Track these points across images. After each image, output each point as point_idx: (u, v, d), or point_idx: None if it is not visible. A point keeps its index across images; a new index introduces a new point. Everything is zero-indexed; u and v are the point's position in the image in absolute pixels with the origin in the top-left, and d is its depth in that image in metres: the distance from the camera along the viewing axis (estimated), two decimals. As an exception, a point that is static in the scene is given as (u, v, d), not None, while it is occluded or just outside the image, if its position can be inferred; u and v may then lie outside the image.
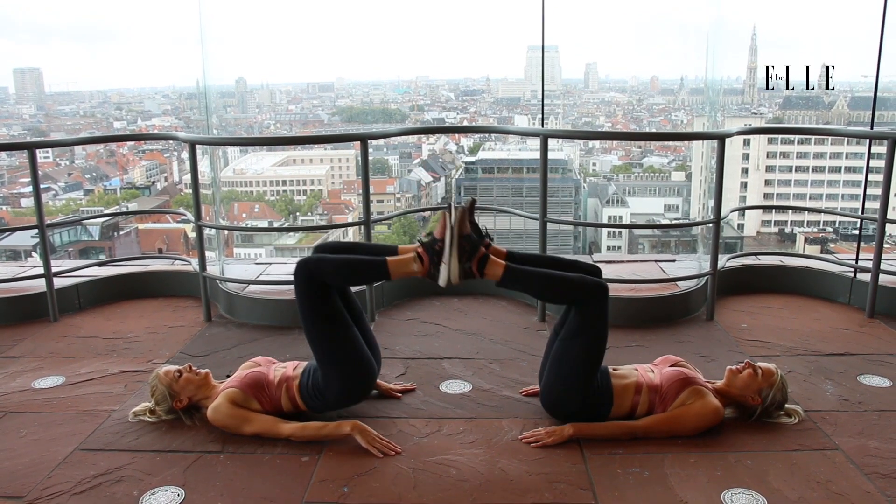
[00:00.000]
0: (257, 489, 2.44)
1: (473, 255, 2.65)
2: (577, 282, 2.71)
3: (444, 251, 2.63)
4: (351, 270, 2.78)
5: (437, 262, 2.65)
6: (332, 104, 75.13)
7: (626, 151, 62.27)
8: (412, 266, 2.70)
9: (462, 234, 2.64)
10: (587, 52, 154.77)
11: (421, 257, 2.68)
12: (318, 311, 2.77)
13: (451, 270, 2.63)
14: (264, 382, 2.84)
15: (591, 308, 2.71)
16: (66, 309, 4.39)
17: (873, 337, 3.85)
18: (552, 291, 2.80)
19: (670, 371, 2.86)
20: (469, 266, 2.65)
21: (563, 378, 2.78)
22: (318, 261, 2.74)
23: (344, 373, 2.80)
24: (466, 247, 2.64)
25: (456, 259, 2.63)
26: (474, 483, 2.46)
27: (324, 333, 2.79)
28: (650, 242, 41.87)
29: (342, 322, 2.80)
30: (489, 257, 2.69)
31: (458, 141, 63.95)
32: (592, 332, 2.73)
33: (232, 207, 47.48)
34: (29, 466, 2.60)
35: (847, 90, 58.85)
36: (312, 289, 2.74)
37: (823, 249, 32.74)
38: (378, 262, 2.74)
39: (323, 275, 2.73)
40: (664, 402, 2.78)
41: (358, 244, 2.98)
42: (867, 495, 2.37)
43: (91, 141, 6.28)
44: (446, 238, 2.63)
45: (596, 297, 2.70)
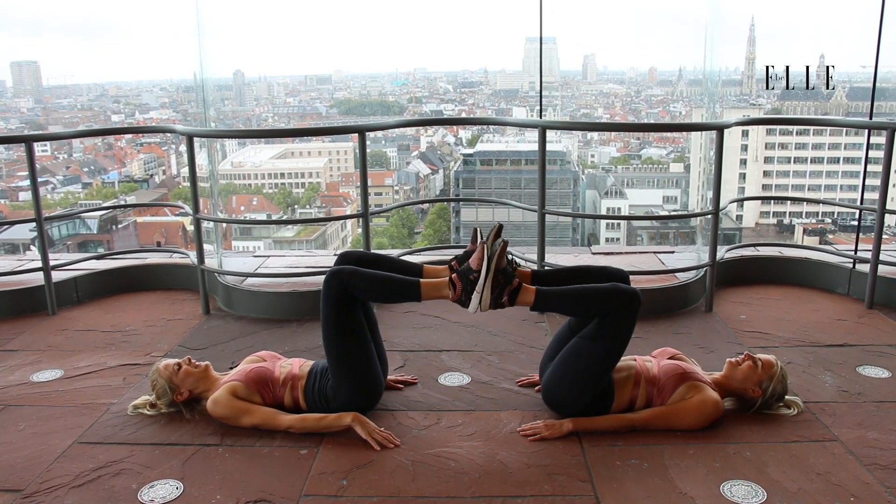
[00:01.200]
0: (256, 482, 2.44)
1: (506, 286, 2.66)
2: (612, 293, 2.69)
3: (479, 282, 2.64)
4: (383, 288, 2.78)
5: (469, 291, 2.66)
6: (329, 97, 75.03)
7: (624, 143, 62.27)
8: (445, 291, 2.70)
9: (499, 267, 2.65)
10: (585, 43, 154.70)
11: (454, 284, 2.69)
12: (343, 324, 2.77)
13: (483, 301, 2.64)
14: (269, 379, 2.84)
15: (622, 316, 2.69)
16: (65, 302, 4.39)
17: (872, 328, 3.85)
18: (587, 307, 2.75)
19: (668, 364, 2.86)
20: (502, 299, 2.66)
21: (573, 377, 2.75)
22: (351, 273, 2.73)
23: (354, 386, 2.80)
24: (501, 280, 2.65)
25: (489, 290, 2.64)
26: (473, 475, 2.46)
27: (344, 346, 2.78)
28: (649, 234, 41.89)
29: (363, 338, 2.81)
30: (522, 287, 2.69)
31: (456, 133, 63.92)
32: (616, 338, 2.71)
33: (230, 200, 47.46)
34: (28, 460, 2.60)
35: (846, 81, 58.82)
36: (342, 300, 2.73)
37: (822, 240, 32.78)
38: (411, 284, 2.74)
39: (354, 288, 2.72)
40: (662, 395, 2.77)
41: (383, 257, 2.98)
42: (866, 486, 2.37)
43: (88, 134, 6.25)
44: (482, 269, 2.63)
45: (630, 307, 2.68)
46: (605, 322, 2.70)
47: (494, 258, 2.63)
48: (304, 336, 3.79)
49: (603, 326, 2.70)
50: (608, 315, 2.70)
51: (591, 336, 2.72)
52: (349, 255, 2.93)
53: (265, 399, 2.81)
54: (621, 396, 2.79)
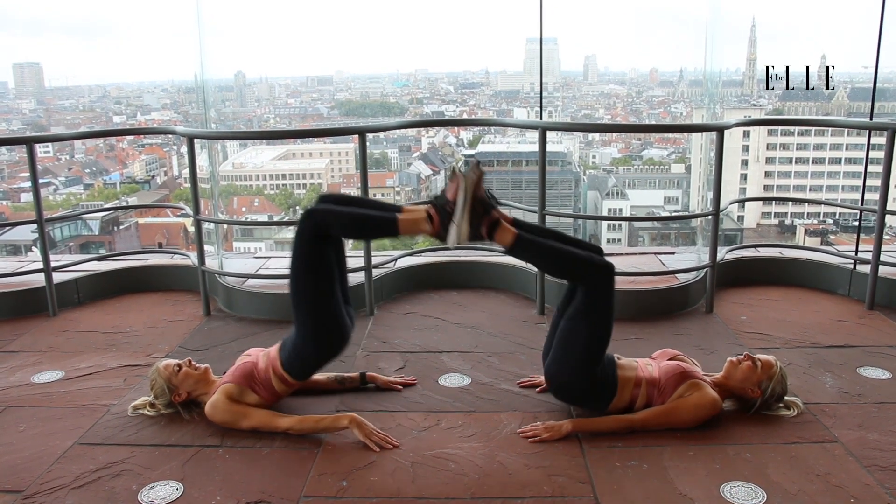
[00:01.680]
0: (256, 483, 2.44)
1: (485, 217, 2.63)
2: (586, 259, 2.69)
3: (456, 212, 2.61)
4: (360, 225, 2.77)
5: (446, 223, 2.63)
6: (331, 98, 74.98)
7: (625, 144, 62.18)
8: (423, 225, 2.68)
9: (476, 196, 2.62)
10: (586, 44, 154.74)
11: (431, 217, 2.66)
12: (312, 262, 2.74)
13: (460, 231, 2.61)
14: (254, 370, 2.85)
15: (599, 288, 2.70)
16: (66, 303, 4.39)
17: (873, 329, 3.85)
18: (561, 266, 2.77)
19: (668, 365, 2.86)
20: (479, 229, 2.63)
21: (570, 359, 2.76)
22: (326, 212, 2.72)
23: (321, 324, 2.78)
24: (479, 210, 2.62)
25: (467, 221, 2.61)
26: (473, 477, 2.46)
27: (309, 284, 2.75)
28: (650, 235, 41.84)
29: (329, 277, 2.77)
30: (500, 223, 2.66)
31: (457, 134, 63.85)
32: (599, 312, 2.72)
33: (231, 201, 47.46)
34: (28, 461, 2.61)
35: (847, 81, 58.74)
36: (314, 238, 2.72)
37: (824, 241, 32.73)
38: (388, 219, 2.71)
39: (328, 226, 2.71)
40: (662, 396, 2.78)
41: (362, 199, 2.95)
42: (866, 488, 2.37)
43: (89, 135, 6.25)
44: (458, 199, 2.60)
45: (604, 277, 2.69)
46: (585, 298, 2.71)
47: (470, 186, 2.59)
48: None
49: (585, 303, 2.72)
50: (585, 289, 2.71)
51: (577, 315, 2.74)
52: (329, 197, 2.88)
53: (258, 393, 2.82)
54: (622, 395, 2.79)
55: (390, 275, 4.48)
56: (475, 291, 4.53)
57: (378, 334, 3.85)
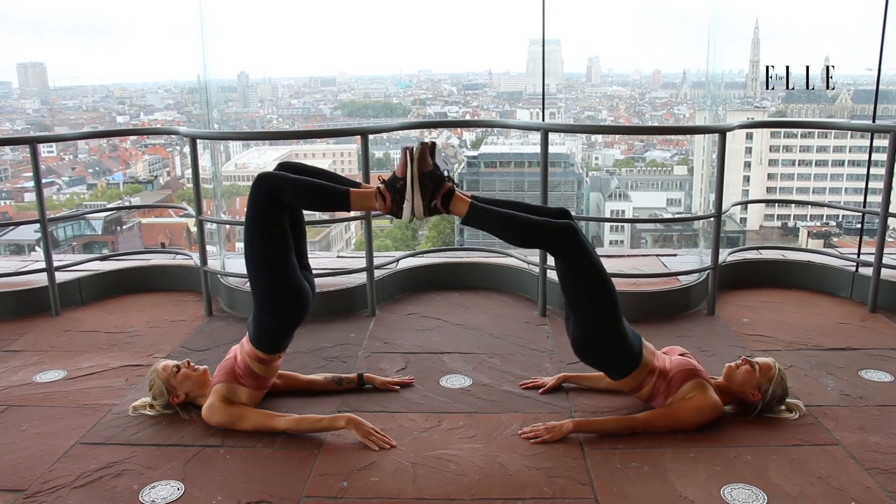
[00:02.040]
0: (257, 483, 2.44)
1: (437, 191, 2.61)
2: (540, 225, 2.65)
3: (407, 189, 2.59)
4: (312, 194, 2.72)
5: (399, 200, 2.62)
6: (334, 98, 75.03)
7: (628, 145, 62.15)
8: (373, 201, 2.66)
9: (423, 170, 2.59)
10: (589, 45, 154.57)
11: (383, 195, 2.64)
12: (265, 227, 2.72)
13: (414, 207, 2.59)
14: (234, 364, 2.86)
15: (566, 251, 2.66)
16: (68, 303, 4.40)
17: (875, 331, 3.84)
18: (518, 232, 2.71)
19: (679, 359, 2.86)
20: (434, 202, 2.61)
21: (583, 320, 2.73)
22: (280, 178, 2.69)
23: (278, 291, 2.77)
24: (429, 184, 2.60)
25: (419, 194, 2.59)
26: (473, 478, 2.46)
27: (265, 250, 2.74)
28: (653, 237, 41.83)
29: (284, 243, 2.76)
30: (454, 193, 2.63)
31: (460, 135, 63.85)
32: (582, 272, 2.67)
33: (234, 202, 47.47)
34: (30, 460, 2.61)
35: (851, 83, 58.64)
36: (267, 204, 2.69)
37: (827, 243, 32.71)
38: (341, 192, 2.69)
39: (282, 192, 2.68)
40: (668, 390, 2.77)
41: (321, 170, 2.90)
42: (868, 491, 2.36)
43: (92, 136, 6.26)
44: (407, 175, 2.59)
45: (564, 238, 2.64)
46: (561, 264, 2.70)
47: (416, 160, 2.57)
48: (305, 337, 3.79)
49: (563, 268, 2.70)
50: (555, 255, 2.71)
51: (565, 283, 2.72)
52: (287, 165, 2.85)
53: (244, 383, 2.83)
54: (639, 373, 2.78)
55: (392, 275, 4.48)
56: (477, 292, 4.53)
57: (379, 335, 3.85)
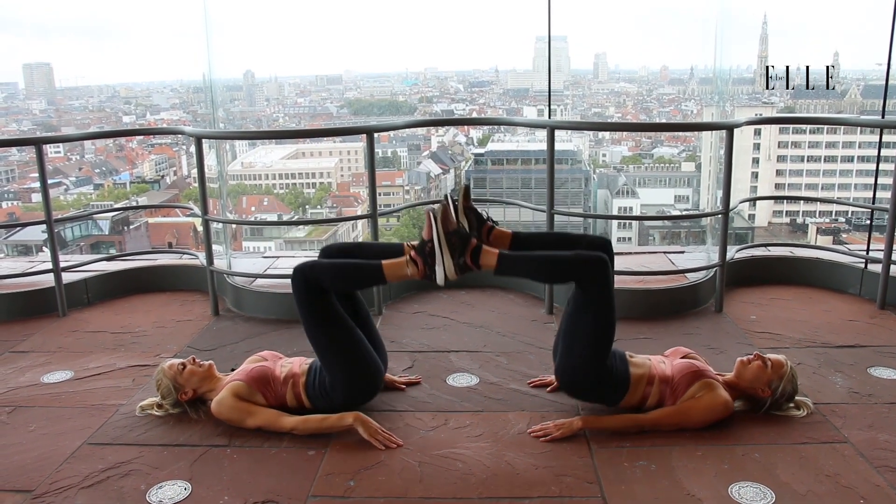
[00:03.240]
0: (264, 483, 2.44)
1: (465, 248, 2.63)
2: (572, 260, 2.66)
3: (435, 251, 2.61)
4: (346, 275, 2.78)
5: (431, 264, 2.63)
6: (340, 97, 75.10)
7: (635, 142, 61.99)
8: (406, 270, 2.68)
9: (448, 231, 2.61)
10: (596, 42, 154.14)
11: (414, 261, 2.67)
12: (318, 316, 2.77)
13: (446, 269, 2.61)
14: (270, 377, 2.84)
15: (592, 283, 2.67)
16: (75, 304, 4.41)
17: (884, 329, 3.82)
18: (550, 273, 2.76)
19: (682, 363, 2.84)
20: (463, 260, 2.63)
21: (575, 354, 2.74)
22: (312, 266, 2.74)
23: (348, 376, 2.80)
24: (456, 242, 2.61)
25: (448, 257, 2.61)
26: (480, 476, 2.46)
27: (325, 338, 2.78)
28: (660, 233, 41.72)
29: (343, 325, 2.80)
30: (482, 248, 2.65)
31: (467, 132, 63.82)
32: (597, 305, 2.69)
33: (240, 201, 47.59)
34: (37, 460, 2.62)
35: (860, 78, 58.36)
36: (310, 294, 2.74)
37: (836, 240, 32.54)
38: (373, 267, 2.72)
39: (319, 280, 2.73)
40: (675, 395, 2.76)
41: (364, 244, 2.95)
42: (876, 489, 2.35)
43: (98, 136, 6.28)
44: (434, 238, 2.61)
45: (594, 271, 2.64)
46: (581, 293, 2.69)
47: (439, 221, 2.59)
48: (312, 337, 3.79)
49: (582, 298, 2.70)
50: (580, 284, 2.69)
51: (577, 310, 2.72)
52: (330, 248, 2.91)
53: (267, 398, 2.82)
54: (634, 392, 2.78)
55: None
56: (484, 291, 4.52)
57: (386, 334, 3.84)
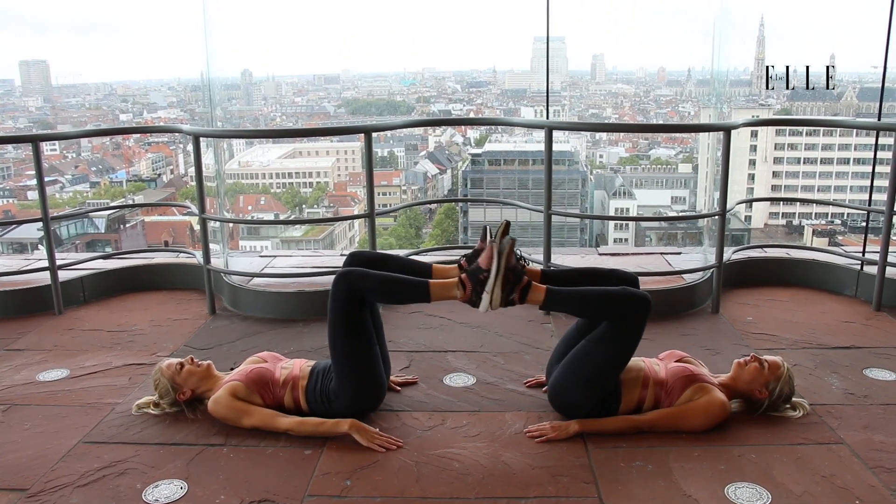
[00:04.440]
0: (260, 482, 2.44)
1: (517, 285, 2.65)
2: (622, 296, 2.67)
3: (489, 281, 2.63)
4: (392, 290, 2.78)
5: (479, 291, 2.65)
6: (337, 96, 75.10)
7: (633, 143, 62.10)
8: (454, 292, 2.69)
9: (508, 265, 2.64)
10: (594, 43, 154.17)
11: (464, 284, 2.68)
12: (350, 325, 2.76)
13: (493, 300, 2.63)
14: (269, 379, 2.84)
15: (631, 320, 2.69)
16: (71, 302, 4.40)
17: (880, 330, 3.83)
18: (597, 309, 2.75)
19: (676, 366, 2.85)
20: (513, 296, 2.65)
21: (581, 380, 2.75)
22: (361, 275, 2.73)
23: (359, 387, 2.80)
24: (511, 278, 2.64)
25: (500, 289, 2.63)
26: (477, 476, 2.46)
27: (350, 347, 2.78)
28: (657, 235, 41.75)
29: (368, 339, 2.80)
30: (532, 285, 2.68)
31: (464, 133, 63.87)
32: (625, 341, 2.71)
33: (237, 200, 47.56)
34: (33, 459, 2.61)
35: (856, 81, 58.46)
36: (351, 301, 2.73)
37: (832, 241, 32.61)
38: (421, 285, 2.73)
39: (364, 290, 2.72)
40: (670, 397, 2.77)
41: (391, 257, 2.98)
42: (872, 489, 2.35)
43: (95, 134, 6.27)
44: (492, 268, 2.62)
45: (639, 310, 2.67)
46: (614, 325, 2.69)
47: (504, 256, 2.62)
48: (309, 336, 3.79)
49: (612, 329, 2.70)
50: (618, 318, 2.69)
51: (599, 339, 2.72)
52: (359, 256, 2.93)
53: (265, 400, 2.81)
54: (629, 398, 2.78)
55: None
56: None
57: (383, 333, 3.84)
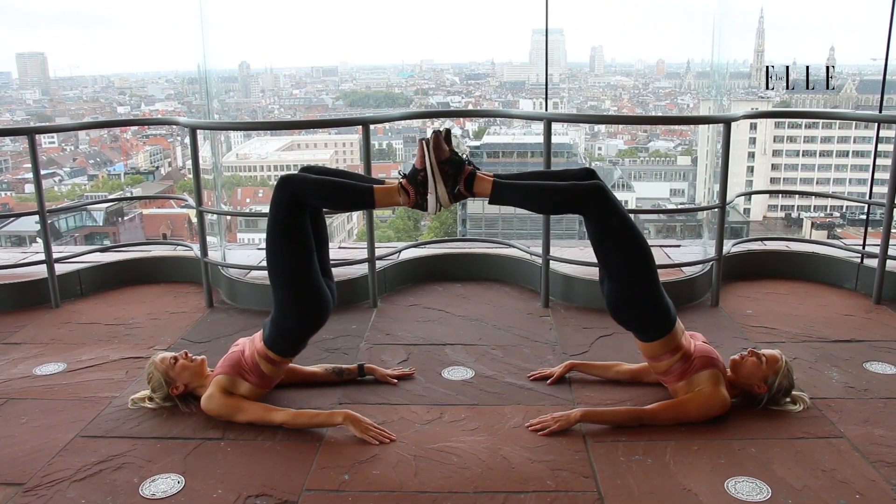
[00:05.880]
0: (258, 476, 2.43)
1: (459, 176, 2.60)
2: (568, 189, 2.64)
3: (428, 179, 2.58)
4: (335, 193, 2.72)
5: (423, 192, 2.60)
6: (335, 88, 74.94)
7: (631, 135, 62.02)
8: (397, 197, 2.63)
9: (441, 158, 2.58)
10: (593, 35, 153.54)
11: (406, 189, 2.63)
12: (288, 230, 2.69)
13: (439, 196, 2.58)
14: (241, 358, 2.83)
15: (596, 210, 2.65)
16: (68, 295, 4.38)
17: (880, 323, 3.82)
18: (546, 201, 2.73)
19: (704, 346, 2.84)
20: (458, 188, 2.60)
21: (619, 280, 2.72)
22: (302, 179, 2.68)
23: (299, 295, 2.74)
24: (450, 170, 2.59)
25: (441, 182, 2.58)
26: (476, 470, 2.45)
27: (286, 253, 2.71)
28: (655, 227, 41.73)
29: (307, 246, 2.73)
30: (476, 175, 2.62)
31: (462, 125, 63.76)
32: (614, 232, 2.66)
33: (235, 192, 47.47)
34: (30, 453, 2.60)
35: (856, 73, 58.39)
36: (290, 206, 2.66)
37: (830, 234, 32.63)
38: (364, 189, 2.68)
39: (305, 194, 2.65)
40: (685, 372, 2.75)
41: (343, 171, 2.92)
42: (872, 483, 2.34)
43: (91, 126, 6.24)
44: (427, 166, 2.57)
45: (593, 200, 2.63)
46: (592, 225, 2.69)
47: (432, 148, 2.57)
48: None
49: (595, 229, 2.69)
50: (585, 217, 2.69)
51: (598, 242, 2.71)
52: (310, 168, 2.85)
53: (248, 379, 2.80)
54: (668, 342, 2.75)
55: (394, 266, 4.46)
56: (479, 283, 4.51)
57: (381, 326, 3.83)
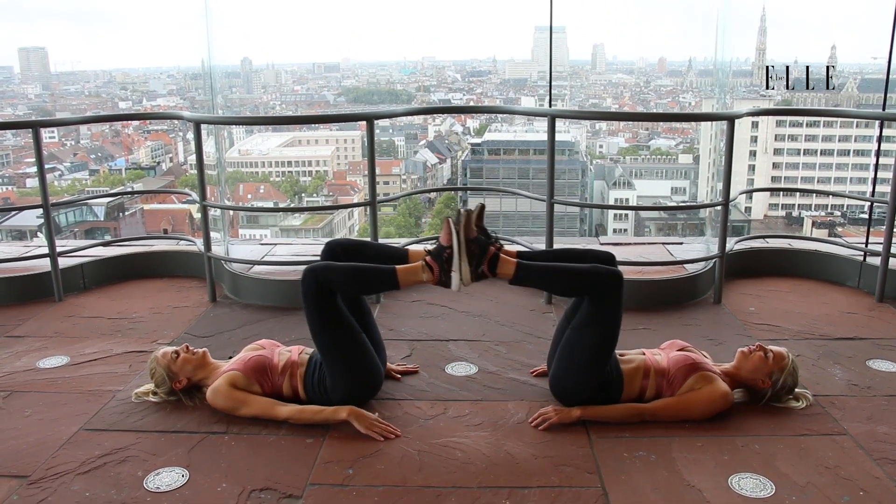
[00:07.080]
0: (262, 470, 2.43)
1: (483, 256, 2.64)
2: (590, 273, 2.68)
3: (454, 258, 2.62)
4: (359, 280, 2.77)
5: (447, 270, 2.64)
6: (337, 85, 74.92)
7: (633, 134, 62.04)
8: (422, 275, 2.68)
9: (469, 238, 2.62)
10: (595, 32, 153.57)
11: (430, 266, 2.66)
12: (325, 318, 2.74)
13: (462, 275, 2.62)
14: (267, 367, 2.83)
15: (606, 298, 2.69)
16: (71, 289, 4.38)
17: (882, 321, 3.82)
18: (566, 285, 2.78)
19: (677, 355, 2.84)
20: (481, 269, 2.64)
21: (575, 368, 2.75)
22: (325, 268, 2.72)
23: (351, 378, 2.79)
24: (475, 250, 2.63)
25: (466, 264, 2.62)
26: (480, 466, 2.45)
27: (332, 340, 2.76)
28: (656, 225, 41.75)
29: (349, 327, 2.78)
30: (500, 256, 2.67)
31: (464, 122, 63.76)
32: (606, 321, 2.71)
33: (237, 188, 47.52)
34: (33, 446, 2.60)
35: (857, 72, 58.35)
36: (320, 296, 2.72)
37: (831, 233, 32.63)
38: (387, 272, 2.71)
39: (331, 283, 2.71)
40: (672, 387, 2.76)
41: (367, 244, 2.97)
42: (876, 481, 2.35)
43: (95, 120, 6.23)
44: (454, 244, 2.61)
45: (610, 287, 2.67)
46: (592, 307, 2.71)
47: (461, 228, 2.60)
48: (310, 324, 3.77)
49: (592, 312, 2.71)
50: (593, 298, 2.70)
51: (583, 324, 2.73)
52: (334, 244, 2.91)
53: (264, 388, 2.80)
54: (631, 387, 2.78)
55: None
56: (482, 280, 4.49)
57: (385, 322, 3.83)
